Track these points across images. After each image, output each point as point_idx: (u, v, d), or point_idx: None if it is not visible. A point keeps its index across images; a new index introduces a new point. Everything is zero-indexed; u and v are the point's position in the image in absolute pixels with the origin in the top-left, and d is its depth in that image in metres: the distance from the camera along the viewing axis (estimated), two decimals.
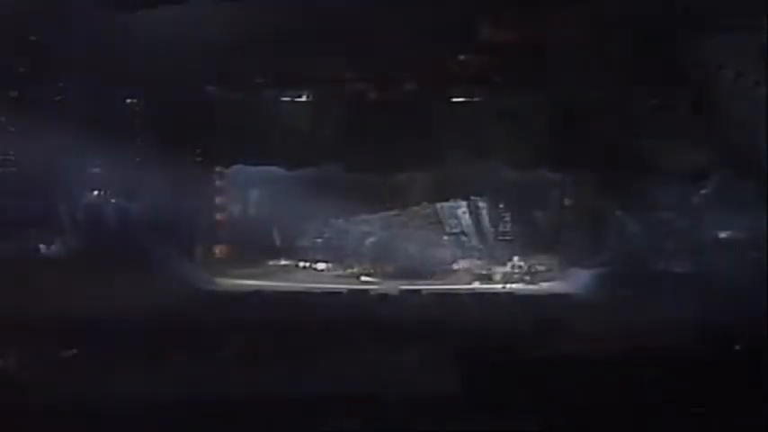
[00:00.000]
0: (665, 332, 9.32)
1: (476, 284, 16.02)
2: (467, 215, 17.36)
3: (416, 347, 8.20)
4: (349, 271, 16.82)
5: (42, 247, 14.47)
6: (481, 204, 17.33)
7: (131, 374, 7.30)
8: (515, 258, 16.40)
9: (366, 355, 8.06)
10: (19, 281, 11.67)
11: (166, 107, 15.40)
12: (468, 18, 14.64)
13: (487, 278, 16.28)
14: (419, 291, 14.65)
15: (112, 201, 15.47)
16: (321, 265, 16.97)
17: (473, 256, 17.10)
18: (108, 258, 13.84)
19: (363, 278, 16.56)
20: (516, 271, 16.17)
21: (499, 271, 16.35)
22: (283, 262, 16.93)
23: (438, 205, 17.38)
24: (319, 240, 17.42)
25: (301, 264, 17.04)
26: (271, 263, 16.78)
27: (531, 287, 15.68)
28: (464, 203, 17.33)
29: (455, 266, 16.85)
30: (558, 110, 15.39)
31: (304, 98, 16.02)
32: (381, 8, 14.06)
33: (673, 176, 14.70)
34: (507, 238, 17.13)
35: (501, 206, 17.25)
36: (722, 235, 14.37)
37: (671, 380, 7.12)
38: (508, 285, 15.67)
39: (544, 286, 15.67)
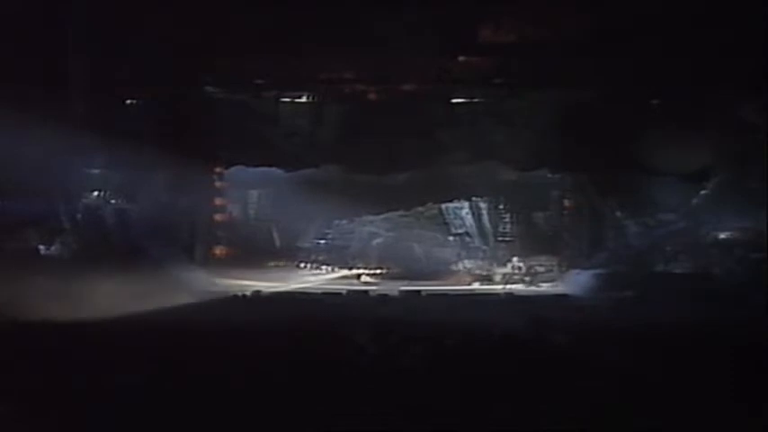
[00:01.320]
0: (664, 333, 9.34)
1: (476, 285, 16.05)
2: (468, 217, 17.37)
3: (416, 347, 8.24)
4: (353, 272, 16.85)
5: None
6: (482, 205, 17.35)
7: (131, 374, 7.30)
8: (515, 259, 16.42)
9: (365, 355, 8.10)
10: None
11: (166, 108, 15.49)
12: (469, 18, 14.67)
13: (488, 279, 16.30)
14: (419, 292, 14.67)
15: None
16: (323, 267, 16.99)
17: (473, 257, 17.12)
18: (108, 259, 13.88)
19: (364, 278, 16.59)
20: (516, 272, 16.19)
21: (499, 272, 16.37)
22: (286, 263, 16.93)
23: (438, 207, 17.42)
24: (321, 242, 17.41)
25: (303, 264, 17.05)
26: (273, 263, 16.79)
27: (531, 288, 15.70)
28: (465, 205, 17.35)
29: (455, 267, 16.87)
30: (558, 111, 15.40)
31: (304, 99, 16.06)
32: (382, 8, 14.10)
33: (673, 177, 14.71)
34: (507, 239, 17.15)
35: (501, 207, 17.27)
36: (722, 236, 14.38)
37: (670, 380, 7.14)
38: (508, 286, 15.68)
39: (544, 287, 15.68)
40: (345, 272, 16.81)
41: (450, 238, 17.34)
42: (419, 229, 17.33)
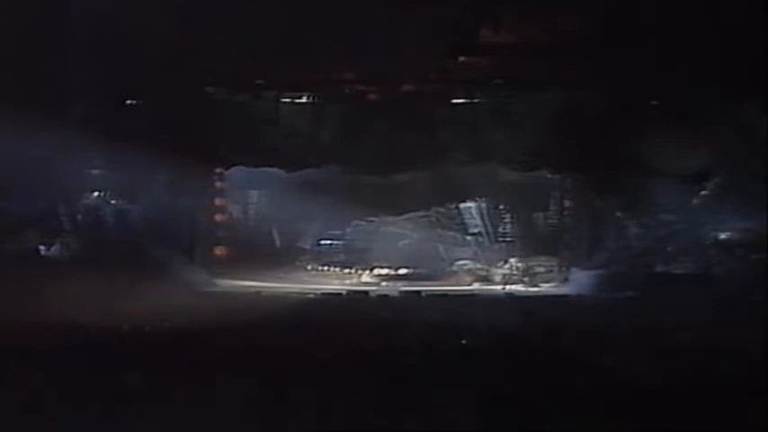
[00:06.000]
0: (664, 333, 9.34)
1: (476, 285, 16.03)
2: (469, 217, 17.33)
3: (416, 347, 8.25)
4: (355, 273, 16.83)
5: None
6: (482, 206, 17.32)
7: (131, 375, 7.31)
8: (515, 260, 16.39)
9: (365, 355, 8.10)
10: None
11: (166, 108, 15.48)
12: (469, 18, 14.68)
13: (487, 279, 16.28)
14: (419, 292, 14.66)
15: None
16: (325, 268, 16.97)
17: (473, 257, 17.08)
18: (108, 259, 13.90)
19: (365, 278, 16.57)
20: (516, 272, 16.16)
21: (499, 272, 16.34)
22: (289, 264, 16.92)
23: (436, 208, 17.39)
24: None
25: (309, 266, 17.04)
26: (275, 265, 16.76)
27: (531, 288, 15.68)
28: (464, 206, 17.31)
29: (455, 267, 16.84)
30: (558, 111, 15.39)
31: (304, 99, 16.04)
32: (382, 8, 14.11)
33: (673, 178, 14.70)
34: (507, 239, 17.11)
35: (501, 208, 17.23)
36: (722, 236, 14.37)
37: (670, 381, 7.14)
38: (508, 286, 15.67)
39: (544, 287, 15.67)
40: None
41: (450, 238, 17.30)
42: (412, 232, 17.27)
